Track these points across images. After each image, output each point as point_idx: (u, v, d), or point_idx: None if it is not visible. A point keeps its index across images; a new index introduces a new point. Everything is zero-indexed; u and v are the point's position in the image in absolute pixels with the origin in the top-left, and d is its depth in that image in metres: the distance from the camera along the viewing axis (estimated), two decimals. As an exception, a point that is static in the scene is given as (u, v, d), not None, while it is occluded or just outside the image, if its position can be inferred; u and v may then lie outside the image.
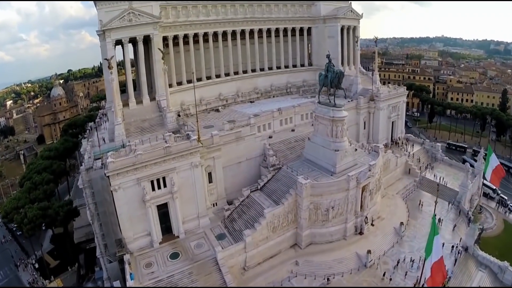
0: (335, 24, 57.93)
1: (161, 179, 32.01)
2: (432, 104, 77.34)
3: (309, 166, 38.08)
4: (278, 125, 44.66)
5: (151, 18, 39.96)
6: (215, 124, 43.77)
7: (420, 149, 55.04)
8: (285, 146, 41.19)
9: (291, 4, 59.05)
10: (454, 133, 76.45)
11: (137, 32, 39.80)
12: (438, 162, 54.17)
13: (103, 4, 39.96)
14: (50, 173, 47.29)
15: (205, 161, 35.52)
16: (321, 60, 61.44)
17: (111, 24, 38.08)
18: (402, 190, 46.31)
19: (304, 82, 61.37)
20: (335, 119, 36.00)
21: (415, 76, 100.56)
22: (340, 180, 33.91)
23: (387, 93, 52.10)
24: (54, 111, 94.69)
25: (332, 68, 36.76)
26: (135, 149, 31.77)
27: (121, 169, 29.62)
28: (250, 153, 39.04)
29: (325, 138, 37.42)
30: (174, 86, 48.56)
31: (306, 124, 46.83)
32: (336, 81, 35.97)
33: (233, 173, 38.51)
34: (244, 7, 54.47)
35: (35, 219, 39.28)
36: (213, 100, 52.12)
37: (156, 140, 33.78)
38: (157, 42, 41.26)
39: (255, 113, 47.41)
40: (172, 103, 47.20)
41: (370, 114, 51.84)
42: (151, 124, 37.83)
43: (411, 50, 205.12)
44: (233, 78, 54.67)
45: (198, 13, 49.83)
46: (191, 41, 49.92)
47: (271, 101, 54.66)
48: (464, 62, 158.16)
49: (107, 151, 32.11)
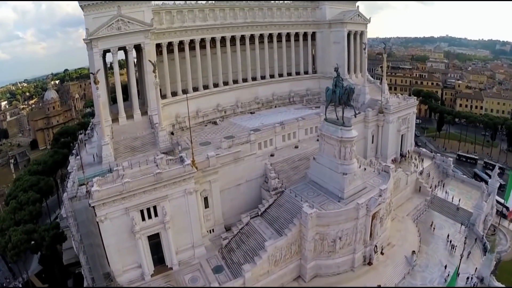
0: (341, 29, 54.48)
1: (152, 208, 29.15)
2: (442, 112, 74.10)
3: (314, 189, 35.12)
4: (280, 141, 41.55)
5: (142, 25, 36.66)
6: (212, 140, 40.74)
7: (431, 164, 51.98)
8: (288, 166, 38.13)
9: (294, 7, 55.56)
10: (464, 143, 73.34)
11: (127, 41, 36.56)
12: (450, 178, 51.23)
13: (91, 9, 36.73)
14: (37, 191, 44.47)
15: (201, 185, 32.56)
16: (326, 67, 58.32)
17: (98, 33, 34.83)
18: (412, 211, 43.47)
19: (308, 90, 58.08)
20: (344, 140, 32.91)
21: (423, 81, 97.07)
22: (349, 209, 30.99)
23: (397, 104, 48.88)
24: (47, 116, 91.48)
25: (341, 82, 33.54)
26: (123, 174, 29.02)
27: (107, 198, 26.84)
28: (250, 175, 36.02)
29: (332, 159, 34.37)
30: (168, 97, 45.39)
31: (311, 139, 43.78)
32: (345, 97, 32.78)
33: (231, 196, 35.54)
34: (244, 11, 51.01)
35: (19, 244, 36.62)
36: (210, 112, 48.92)
37: (147, 164, 30.82)
38: (149, 52, 38.03)
39: (255, 127, 44.47)
40: (166, 115, 44.34)
41: (378, 127, 48.69)
42: (142, 142, 34.75)
43: (416, 51, 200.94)
44: (232, 88, 51.40)
45: (195, 18, 46.43)
46: (186, 48, 46.63)
47: (273, 112, 51.50)
48: (471, 64, 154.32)
49: (92, 176, 29.41)
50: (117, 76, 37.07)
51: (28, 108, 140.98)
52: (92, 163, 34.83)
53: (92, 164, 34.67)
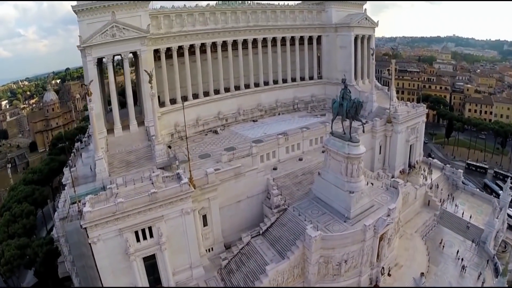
0: (348, 33, 52.20)
1: (147, 229, 27.58)
2: (451, 119, 71.69)
3: (319, 207, 33.36)
4: (283, 153, 39.75)
5: (137, 32, 34.81)
6: (212, 152, 39.06)
7: (440, 175, 49.92)
8: (291, 181, 36.34)
9: (299, 10, 53.36)
10: (473, 150, 71.06)
11: (122, 49, 34.79)
12: (460, 191, 49.17)
13: (85, 14, 34.93)
14: (31, 202, 43.14)
15: (199, 203, 30.93)
16: (332, 72, 56.25)
17: (91, 40, 33.08)
18: (421, 227, 41.55)
19: (312, 97, 56.05)
20: (351, 156, 31.04)
21: (431, 85, 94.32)
22: (355, 231, 29.22)
23: (406, 113, 46.75)
24: (47, 117, 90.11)
25: (348, 94, 31.56)
26: (116, 193, 27.49)
27: (100, 219, 25.38)
28: (251, 190, 34.30)
29: (338, 176, 32.54)
30: (167, 105, 43.62)
31: (316, 151, 41.93)
32: (353, 111, 30.83)
33: (231, 213, 33.89)
34: (246, 14, 48.93)
35: (12, 260, 35.39)
36: (211, 120, 47.14)
37: (142, 181, 29.29)
38: (145, 59, 36.23)
39: (257, 137, 42.73)
40: (165, 124, 42.72)
41: (386, 137, 46.65)
42: (138, 157, 33.13)
43: (422, 51, 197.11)
44: (233, 94, 49.50)
45: (194, 22, 44.44)
46: (186, 53, 44.77)
47: (276, 120, 49.62)
48: (479, 65, 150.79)
49: (85, 194, 27.96)
50: (112, 86, 35.35)
51: (29, 107, 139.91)
52: (87, 176, 33.28)
53: (87, 177, 33.16)
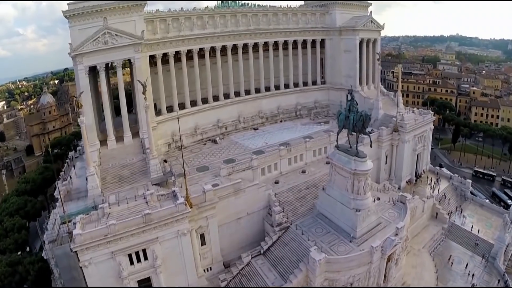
0: (353, 36, 50.20)
1: (141, 251, 25.96)
2: (458, 125, 69.79)
3: (323, 225, 31.69)
4: (286, 165, 38.02)
5: (131, 38, 32.96)
6: (210, 164, 37.36)
7: (448, 186, 48.18)
8: (294, 196, 34.64)
9: (302, 12, 51.36)
10: (480, 156, 69.28)
11: (115, 56, 32.98)
12: (468, 202, 47.45)
13: (76, 20, 33.16)
14: (23, 215, 41.54)
15: (196, 222, 29.27)
16: (336, 77, 54.37)
17: (82, 48, 31.26)
18: (429, 242, 39.85)
19: (316, 103, 54.20)
20: (358, 173, 29.30)
21: (436, 88, 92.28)
22: (362, 254, 27.62)
23: (413, 122, 44.89)
24: (43, 121, 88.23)
25: (355, 107, 29.74)
26: (108, 213, 25.86)
27: (91, 242, 23.82)
28: (251, 207, 32.62)
29: (344, 193, 30.84)
30: (164, 113, 41.83)
31: (319, 162, 40.22)
32: (360, 125, 29.05)
33: (231, 231, 32.23)
34: (247, 17, 46.96)
35: (3, 278, 33.93)
36: (210, 128, 45.34)
37: (135, 199, 27.64)
38: (140, 67, 34.36)
39: (258, 148, 41.08)
40: (161, 133, 41.02)
41: (393, 147, 44.83)
42: (132, 171, 31.43)
43: (426, 51, 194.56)
44: (233, 101, 47.64)
45: (192, 26, 42.52)
46: (183, 58, 42.92)
47: (278, 128, 47.83)
48: (484, 66, 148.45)
49: (75, 214, 26.39)
50: (105, 96, 33.57)
51: (27, 109, 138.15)
52: (80, 190, 31.55)
53: (80, 191, 31.48)
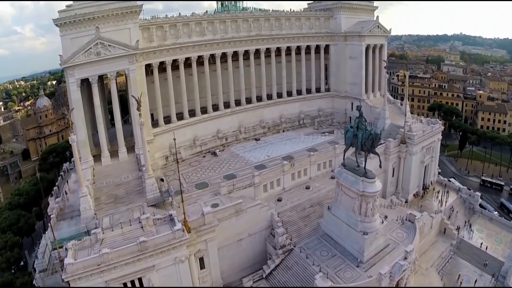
0: (359, 42, 48.37)
1: (137, 280, 24.51)
2: (465, 132, 68.20)
3: (329, 247, 30.21)
4: (289, 180, 36.46)
5: (125, 49, 31.19)
6: (210, 180, 35.82)
7: (456, 198, 46.63)
8: (298, 215, 33.12)
9: (305, 17, 49.50)
10: (488, 164, 67.78)
11: (108, 68, 31.24)
12: (477, 216, 45.96)
13: (68, 28, 31.41)
14: (16, 231, 39.96)
15: (195, 246, 27.74)
16: (341, 84, 52.63)
17: (73, 60, 29.50)
18: (437, 259, 38.33)
19: (319, 111, 52.46)
20: (366, 194, 27.74)
21: (442, 92, 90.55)
22: (370, 281, 26.10)
23: (421, 133, 43.29)
24: (40, 125, 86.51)
25: (364, 124, 28.11)
26: (102, 239, 24.49)
27: (83, 272, 22.53)
28: (253, 227, 31.12)
29: (351, 214, 29.33)
30: (161, 124, 40.15)
31: (324, 176, 38.72)
32: (369, 144, 27.43)
33: (231, 253, 30.75)
34: (248, 23, 45.10)
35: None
36: (209, 140, 43.65)
37: (130, 224, 26.17)
38: (134, 79, 32.60)
39: (260, 161, 39.55)
40: (159, 146, 39.41)
41: (400, 159, 43.28)
42: (127, 191, 29.87)
43: (430, 51, 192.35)
44: (234, 111, 45.90)
45: (191, 33, 40.69)
46: (181, 66, 41.09)
47: (281, 139, 46.16)
48: (489, 67, 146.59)
49: (67, 239, 25.16)
50: (99, 111, 31.79)
51: (24, 110, 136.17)
52: (74, 207, 29.85)
53: (74, 209, 29.80)
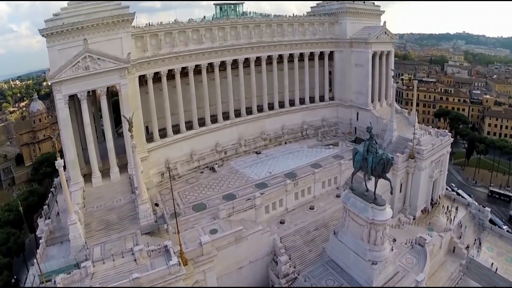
0: (365, 50, 46.40)
1: (128, 318, 22.81)
2: (473, 140, 66.63)
3: (335, 275, 28.59)
4: (292, 200, 34.76)
5: (116, 62, 29.15)
6: (208, 201, 34.17)
7: (466, 214, 45.10)
8: (302, 239, 31.47)
9: (309, 22, 47.43)
10: (496, 173, 66.30)
11: (98, 83, 29.23)
12: (487, 232, 44.53)
13: (55, 39, 29.30)
14: (5, 252, 37.91)
15: (193, 277, 26.04)
16: (345, 93, 50.74)
17: (60, 75, 27.43)
18: (446, 281, 36.90)
19: (323, 121, 50.60)
20: (376, 223, 26.07)
21: (448, 97, 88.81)
22: (382, 317, 24.54)
23: (431, 147, 41.52)
24: (33, 129, 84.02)
25: (375, 147, 26.30)
26: (92, 273, 22.91)
27: (72, 311, 20.80)
28: (254, 254, 29.46)
29: (358, 241, 27.69)
30: (156, 139, 38.20)
31: (329, 195, 37.10)
32: (380, 169, 25.72)
33: (232, 281, 29.10)
34: (248, 29, 43.02)
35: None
36: (207, 154, 41.76)
37: (123, 256, 24.41)
38: (126, 95, 30.59)
39: (261, 178, 37.88)
40: (154, 162, 37.57)
41: (408, 174, 41.59)
42: (119, 216, 28.06)
43: (433, 50, 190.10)
44: (233, 122, 43.95)
45: (187, 41, 38.59)
46: (177, 76, 39.05)
47: (283, 152, 44.39)
48: (494, 68, 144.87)
49: (56, 273, 23.76)
50: (88, 129, 29.76)
51: (19, 111, 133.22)
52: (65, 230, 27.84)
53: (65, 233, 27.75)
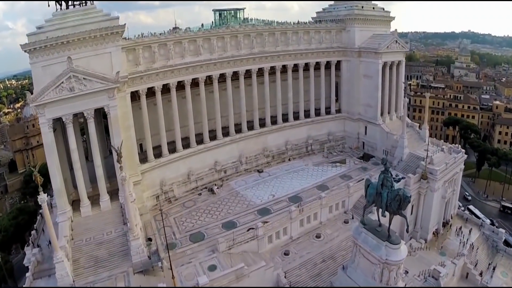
0: (375, 60, 43.92)
1: None
2: (484, 152, 64.49)
3: (344, 315, 26.55)
4: (297, 228, 32.61)
5: (103, 82, 26.74)
6: (206, 229, 32.15)
7: (479, 236, 43.08)
8: (307, 273, 29.38)
9: (315, 30, 44.86)
10: (508, 185, 64.21)
11: (84, 106, 26.83)
12: (500, 255, 42.52)
13: (38, 54, 26.85)
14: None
15: (189, 322, 24.04)
16: (353, 105, 48.31)
17: (43, 98, 25.05)
18: (461, 312, 35.16)
19: (329, 135, 48.22)
20: (389, 263, 23.96)
21: (458, 104, 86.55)
22: None
23: (444, 166, 39.35)
24: (26, 135, 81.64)
25: (390, 181, 24.11)
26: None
27: None
28: (257, 292, 27.35)
29: (370, 280, 25.55)
30: (150, 159, 35.86)
31: (337, 220, 35.01)
32: (395, 206, 23.55)
33: (231, 322, 27.05)
34: (250, 38, 40.48)
35: None
36: (206, 173, 39.45)
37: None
38: (115, 117, 28.20)
39: (264, 203, 35.82)
40: (148, 184, 35.41)
41: (420, 195, 39.49)
42: (110, 252, 25.91)
43: (438, 50, 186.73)
44: (233, 139, 41.56)
45: (183, 52, 36.07)
46: (173, 91, 36.61)
47: (286, 170, 42.15)
48: (502, 70, 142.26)
49: None
50: (75, 155, 27.37)
51: (14, 112, 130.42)
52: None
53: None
